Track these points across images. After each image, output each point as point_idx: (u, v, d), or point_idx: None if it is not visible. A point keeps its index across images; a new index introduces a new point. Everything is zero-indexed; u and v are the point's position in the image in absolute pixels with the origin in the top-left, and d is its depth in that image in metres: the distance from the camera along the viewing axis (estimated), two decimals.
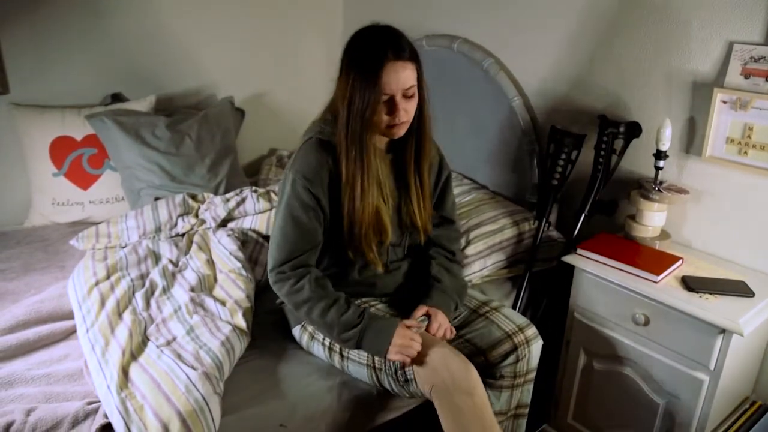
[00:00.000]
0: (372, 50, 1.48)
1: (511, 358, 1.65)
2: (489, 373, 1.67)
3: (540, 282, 2.19)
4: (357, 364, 1.63)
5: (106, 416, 1.40)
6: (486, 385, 1.61)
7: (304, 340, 1.73)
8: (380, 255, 1.68)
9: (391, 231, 1.65)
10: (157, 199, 2.33)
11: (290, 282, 1.59)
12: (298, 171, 1.58)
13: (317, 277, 1.60)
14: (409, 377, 1.55)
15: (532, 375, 1.71)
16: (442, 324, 1.65)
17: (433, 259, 1.81)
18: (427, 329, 1.63)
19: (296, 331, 1.75)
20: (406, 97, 1.53)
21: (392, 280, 1.76)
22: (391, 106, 1.52)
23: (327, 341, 1.67)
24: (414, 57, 1.53)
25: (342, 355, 1.65)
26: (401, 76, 1.49)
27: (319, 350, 1.70)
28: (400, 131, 1.58)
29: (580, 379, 2.00)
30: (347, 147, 1.54)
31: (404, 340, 1.53)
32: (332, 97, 1.62)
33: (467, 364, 1.51)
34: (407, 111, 1.54)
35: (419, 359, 1.52)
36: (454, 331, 1.68)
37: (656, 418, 1.80)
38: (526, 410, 1.75)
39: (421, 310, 1.67)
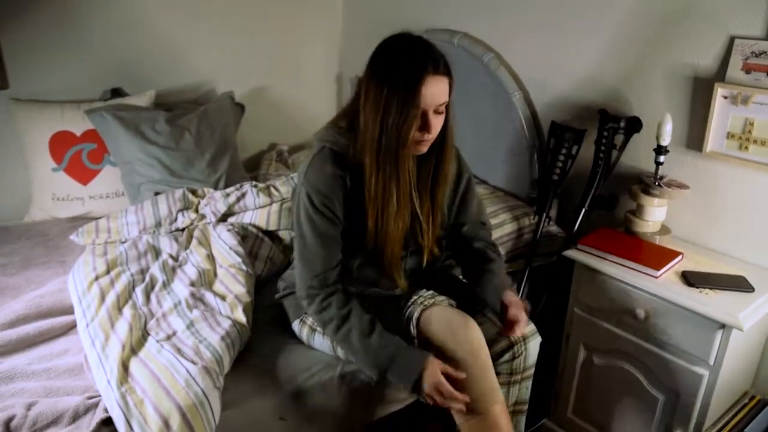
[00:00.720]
0: (410, 63, 1.40)
1: (507, 356, 1.64)
2: None
3: (540, 277, 2.19)
4: None
5: (106, 410, 1.40)
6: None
7: (304, 333, 1.73)
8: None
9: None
10: (157, 194, 2.33)
11: (319, 298, 1.55)
12: (312, 186, 1.51)
13: (344, 296, 1.56)
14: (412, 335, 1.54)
15: (530, 372, 1.70)
16: (519, 310, 1.56)
17: (473, 242, 1.75)
18: (507, 321, 1.53)
19: (296, 325, 1.75)
20: (437, 112, 1.46)
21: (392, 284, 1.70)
22: (424, 122, 1.44)
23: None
24: (449, 71, 1.45)
25: None
26: (437, 91, 1.42)
27: (320, 342, 1.70)
28: (425, 148, 1.51)
29: (580, 373, 2.00)
30: (379, 164, 1.46)
31: (437, 378, 1.42)
32: (348, 106, 1.55)
33: (480, 341, 1.50)
34: (435, 127, 1.47)
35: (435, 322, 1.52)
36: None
37: (656, 412, 1.81)
38: (525, 407, 1.75)
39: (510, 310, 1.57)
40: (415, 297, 1.65)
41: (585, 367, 1.98)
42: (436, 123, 1.46)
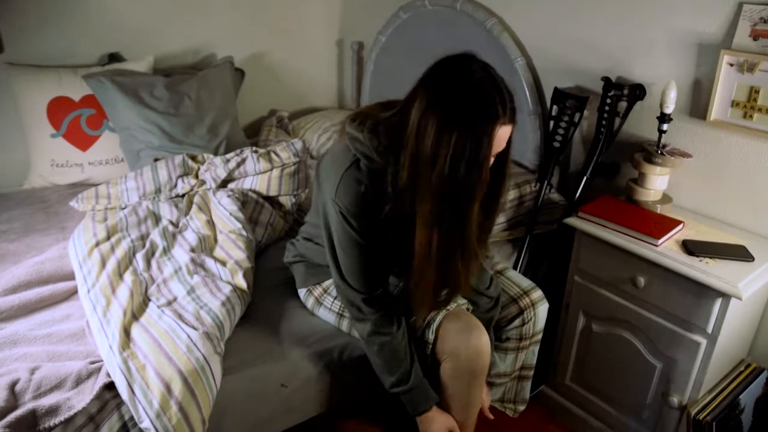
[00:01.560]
0: (482, 106, 1.24)
1: (517, 322, 1.66)
2: (495, 335, 1.68)
3: (541, 244, 2.19)
4: None
5: (108, 375, 1.41)
6: (492, 347, 1.63)
7: (309, 303, 1.73)
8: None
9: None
10: (156, 160, 2.32)
11: (371, 323, 1.48)
12: (344, 205, 1.39)
13: (389, 317, 1.50)
14: (427, 351, 1.53)
15: (539, 337, 1.73)
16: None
17: None
18: None
19: (302, 292, 1.74)
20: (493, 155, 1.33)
21: None
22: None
23: (335, 307, 1.67)
24: (515, 114, 1.31)
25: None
26: (502, 140, 1.30)
27: (326, 315, 1.70)
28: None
29: (579, 341, 2.01)
30: (443, 217, 1.29)
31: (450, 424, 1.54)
32: (390, 116, 1.36)
33: (486, 347, 1.51)
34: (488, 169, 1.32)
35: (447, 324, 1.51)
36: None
37: (653, 379, 1.82)
38: (531, 372, 1.78)
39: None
40: None
41: (584, 335, 1.99)
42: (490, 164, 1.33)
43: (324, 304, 1.69)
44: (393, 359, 1.49)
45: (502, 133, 1.28)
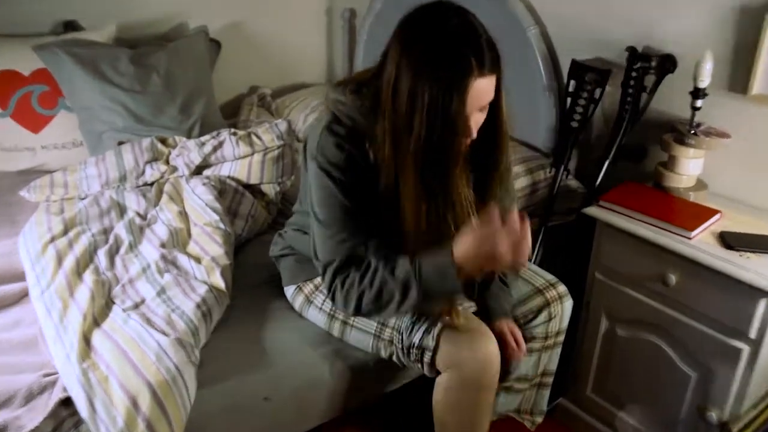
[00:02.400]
0: (452, 60, 1.27)
1: (543, 316, 1.67)
2: None
3: (556, 238, 2.20)
4: (361, 333, 1.61)
5: (65, 389, 1.39)
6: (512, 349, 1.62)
7: (298, 302, 1.72)
8: None
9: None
10: (121, 143, 2.31)
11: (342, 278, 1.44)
12: (329, 161, 1.41)
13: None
14: (426, 358, 1.51)
15: (562, 338, 1.75)
16: (517, 339, 1.60)
17: None
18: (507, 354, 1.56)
19: (290, 290, 1.74)
20: (480, 111, 1.37)
21: None
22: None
23: (326, 307, 1.66)
24: (498, 64, 1.34)
25: (345, 323, 1.63)
26: (482, 93, 1.32)
27: (315, 316, 1.69)
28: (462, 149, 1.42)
29: (601, 346, 2.01)
30: (426, 188, 1.35)
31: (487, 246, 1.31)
32: (370, 77, 1.43)
33: (496, 356, 1.49)
34: (477, 127, 1.38)
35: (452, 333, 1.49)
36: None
37: (687, 391, 1.81)
38: (551, 379, 1.79)
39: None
40: None
41: (607, 340, 1.99)
42: (479, 120, 1.38)
43: (314, 303, 1.69)
44: (387, 280, 1.39)
45: (482, 87, 1.30)
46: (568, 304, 1.72)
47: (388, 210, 1.40)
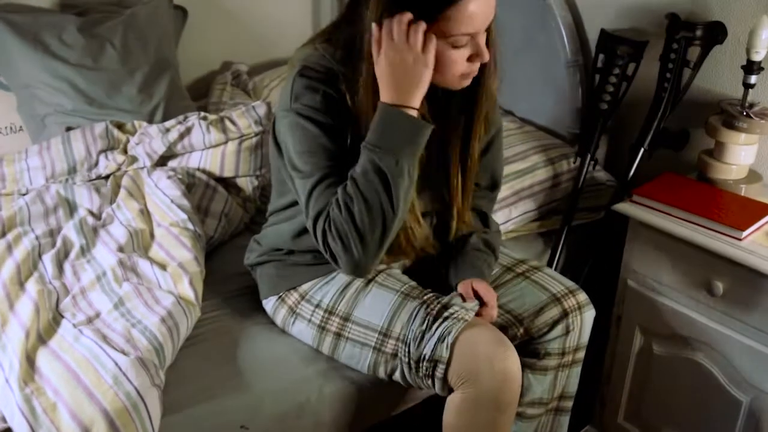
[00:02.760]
0: None
1: (560, 328, 1.66)
2: (530, 349, 1.68)
3: (582, 239, 2.20)
4: (358, 346, 1.61)
5: (4, 420, 1.39)
6: (525, 366, 1.62)
7: (280, 316, 1.72)
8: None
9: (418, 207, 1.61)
10: (69, 129, 2.30)
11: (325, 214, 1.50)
12: (306, 105, 1.50)
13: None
14: (438, 372, 1.51)
15: (582, 354, 1.73)
16: (489, 303, 1.62)
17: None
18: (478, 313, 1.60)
19: (269, 303, 1.74)
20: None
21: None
22: (474, 48, 1.45)
23: (316, 318, 1.65)
24: None
25: (339, 335, 1.63)
26: (491, 5, 1.42)
27: (302, 330, 1.69)
28: (468, 81, 1.52)
29: (634, 366, 2.01)
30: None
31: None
32: (338, 24, 1.57)
33: (516, 371, 1.50)
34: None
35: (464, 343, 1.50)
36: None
37: (738, 419, 1.81)
38: (570, 403, 1.78)
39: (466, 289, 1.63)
40: (444, 301, 1.60)
41: (642, 359, 1.99)
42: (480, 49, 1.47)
43: (301, 315, 1.68)
44: (357, 180, 1.45)
45: (474, 8, 1.38)
46: (589, 314, 1.71)
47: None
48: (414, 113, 1.44)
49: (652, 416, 2.01)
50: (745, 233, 1.73)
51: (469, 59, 1.45)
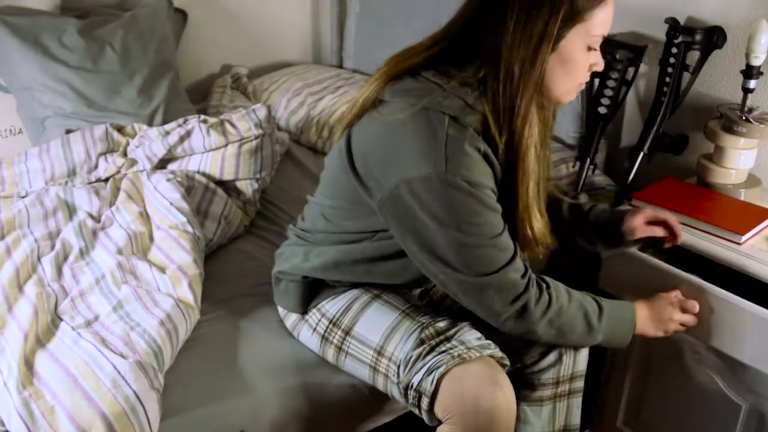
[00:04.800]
0: None
1: (552, 357, 1.63)
2: (523, 379, 1.65)
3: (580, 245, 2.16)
4: (357, 362, 1.60)
5: (2, 423, 1.39)
6: (520, 398, 1.60)
7: (291, 320, 1.71)
8: None
9: None
10: (69, 131, 2.31)
11: (530, 295, 1.48)
12: (465, 178, 1.39)
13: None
14: (423, 404, 1.48)
15: (580, 384, 1.69)
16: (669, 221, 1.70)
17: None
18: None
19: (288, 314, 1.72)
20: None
21: None
22: (595, 57, 1.46)
23: (320, 328, 1.64)
24: None
25: (340, 348, 1.62)
26: (611, 14, 1.44)
27: (307, 337, 1.68)
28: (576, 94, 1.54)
29: (633, 370, 2.00)
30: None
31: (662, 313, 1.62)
32: (444, 50, 1.45)
33: (506, 409, 1.46)
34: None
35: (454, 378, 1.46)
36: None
37: (737, 424, 1.80)
38: None
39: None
40: (441, 326, 1.55)
41: (641, 362, 1.98)
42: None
43: (308, 323, 1.67)
44: (571, 309, 1.53)
45: (611, 11, 1.42)
46: None
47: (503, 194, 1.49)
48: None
49: (651, 420, 2.00)
50: (744, 237, 1.73)
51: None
